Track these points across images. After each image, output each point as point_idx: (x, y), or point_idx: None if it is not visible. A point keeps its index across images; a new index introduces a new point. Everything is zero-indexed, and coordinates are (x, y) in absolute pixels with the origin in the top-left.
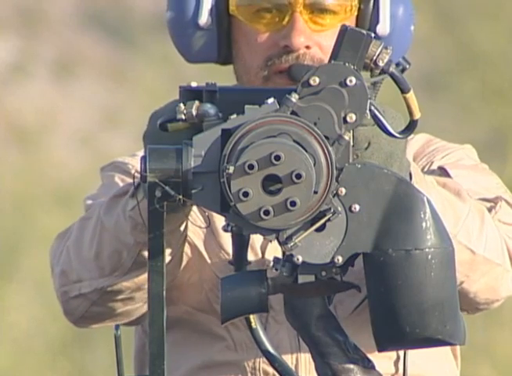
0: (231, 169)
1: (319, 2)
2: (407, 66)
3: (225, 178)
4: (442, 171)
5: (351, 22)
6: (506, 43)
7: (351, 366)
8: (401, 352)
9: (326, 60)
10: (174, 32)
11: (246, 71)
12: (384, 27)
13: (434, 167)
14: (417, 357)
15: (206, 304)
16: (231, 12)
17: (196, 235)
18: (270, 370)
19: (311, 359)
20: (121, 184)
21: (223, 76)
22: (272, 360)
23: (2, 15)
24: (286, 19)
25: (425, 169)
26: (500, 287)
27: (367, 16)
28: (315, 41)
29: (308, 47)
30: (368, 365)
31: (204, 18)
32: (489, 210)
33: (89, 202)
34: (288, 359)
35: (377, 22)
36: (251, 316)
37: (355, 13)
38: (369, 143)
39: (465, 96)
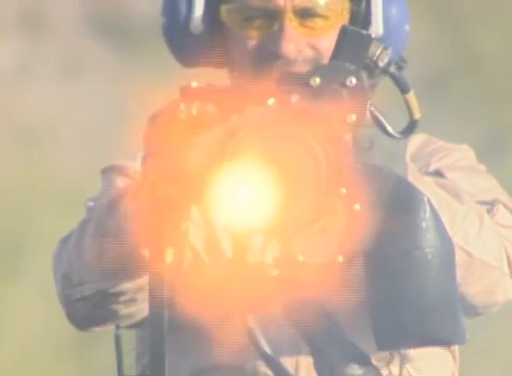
0: None
1: (309, 8)
2: (403, 65)
3: None
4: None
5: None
6: (507, 44)
7: (350, 363)
8: (396, 355)
9: (321, 60)
10: (167, 38)
11: (238, 76)
12: (376, 28)
13: (431, 169)
14: (414, 359)
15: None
16: (222, 19)
17: (197, 238)
18: (271, 373)
19: (311, 362)
20: (121, 187)
21: (223, 77)
22: (268, 360)
23: (7, 18)
24: (276, 25)
25: (422, 171)
26: (498, 291)
27: (360, 18)
28: (307, 43)
29: (299, 51)
30: (366, 362)
31: (196, 24)
32: (487, 212)
33: (90, 205)
34: (288, 364)
35: (370, 23)
36: (248, 316)
37: (347, 16)
38: (370, 144)
39: (465, 97)
